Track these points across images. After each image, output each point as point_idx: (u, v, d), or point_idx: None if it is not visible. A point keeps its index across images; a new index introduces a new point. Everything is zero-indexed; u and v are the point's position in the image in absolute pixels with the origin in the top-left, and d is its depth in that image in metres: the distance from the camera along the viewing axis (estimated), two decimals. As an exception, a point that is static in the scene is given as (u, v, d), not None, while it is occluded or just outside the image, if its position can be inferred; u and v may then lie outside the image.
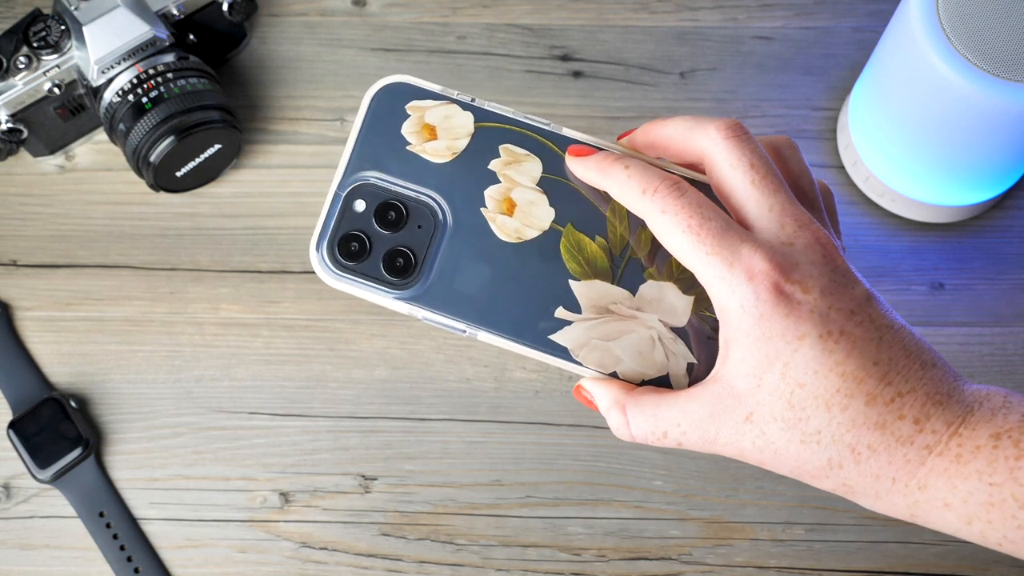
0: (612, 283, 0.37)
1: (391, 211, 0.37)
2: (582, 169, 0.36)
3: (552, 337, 0.37)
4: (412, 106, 0.38)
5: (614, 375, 0.36)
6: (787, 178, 0.35)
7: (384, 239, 0.37)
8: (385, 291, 0.37)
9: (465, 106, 0.38)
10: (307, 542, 0.51)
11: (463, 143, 0.38)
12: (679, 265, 0.36)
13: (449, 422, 0.53)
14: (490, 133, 0.38)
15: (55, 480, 0.51)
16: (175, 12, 0.55)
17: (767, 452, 0.33)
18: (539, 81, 0.59)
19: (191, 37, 0.56)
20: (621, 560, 0.51)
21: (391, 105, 0.38)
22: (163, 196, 0.57)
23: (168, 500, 0.51)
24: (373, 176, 0.38)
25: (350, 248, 0.37)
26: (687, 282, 0.36)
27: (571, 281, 0.37)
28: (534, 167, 0.38)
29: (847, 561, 0.51)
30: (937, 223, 0.56)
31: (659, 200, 0.33)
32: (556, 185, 0.37)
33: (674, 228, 0.33)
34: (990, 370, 0.54)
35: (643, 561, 0.51)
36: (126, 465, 0.52)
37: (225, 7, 0.56)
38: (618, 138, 0.38)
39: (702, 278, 0.33)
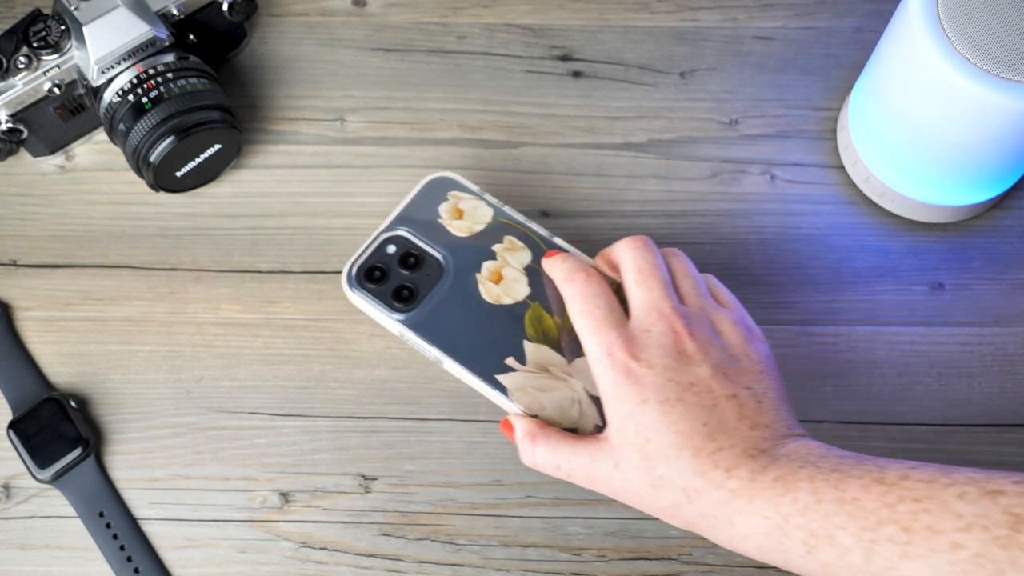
0: (556, 351, 0.47)
1: (411, 257, 0.49)
2: (547, 263, 0.48)
3: (498, 377, 0.47)
4: (452, 194, 0.51)
5: (535, 417, 0.46)
6: (672, 278, 0.46)
7: (399, 275, 0.49)
8: (387, 312, 0.48)
9: (490, 204, 0.50)
10: (307, 542, 0.51)
11: (480, 227, 0.50)
12: None
13: (449, 422, 0.53)
14: (502, 226, 0.50)
15: (55, 480, 0.51)
16: (175, 12, 0.55)
17: (631, 494, 0.42)
18: (539, 81, 0.59)
19: (191, 37, 0.56)
20: (621, 560, 0.51)
21: (437, 189, 0.51)
22: (163, 196, 0.57)
23: (168, 500, 0.51)
24: (408, 231, 0.50)
25: (373, 275, 0.49)
26: None
27: (526, 341, 0.47)
28: (525, 257, 0.49)
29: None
30: (937, 223, 0.56)
31: (571, 287, 0.45)
32: (536, 273, 0.49)
33: (574, 310, 0.45)
34: (990, 370, 0.54)
35: (643, 561, 0.51)
36: (126, 465, 0.52)
37: (225, 7, 0.56)
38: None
39: (585, 350, 0.44)
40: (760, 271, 0.55)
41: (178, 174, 0.54)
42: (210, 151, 0.54)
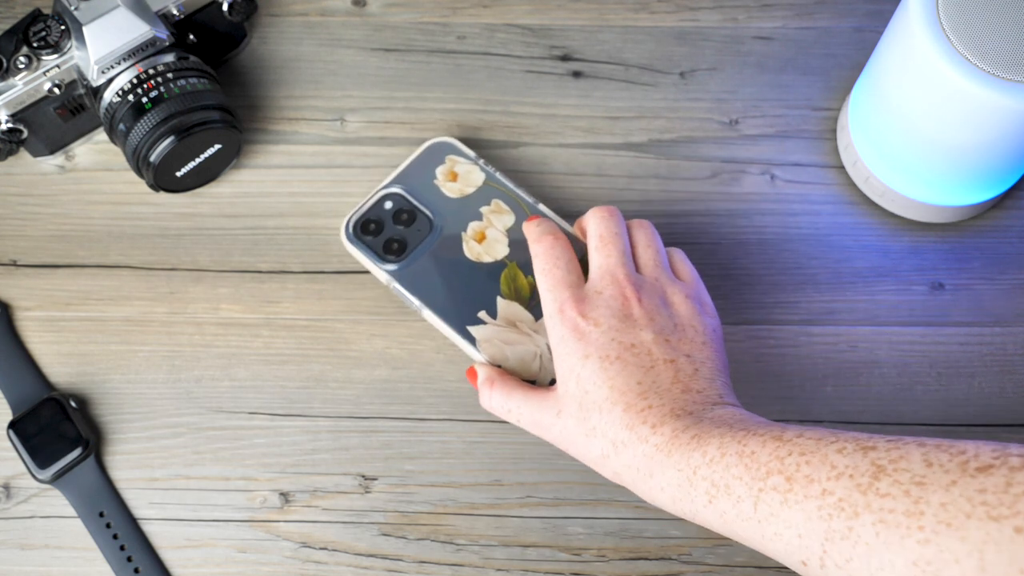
0: (525, 309, 0.51)
1: (404, 214, 0.54)
2: (525, 226, 0.51)
3: (469, 328, 0.51)
4: (450, 157, 0.55)
5: (498, 367, 0.50)
6: (633, 247, 0.49)
7: (392, 229, 0.53)
8: (377, 261, 0.53)
9: (484, 169, 0.55)
10: (307, 542, 0.51)
11: (471, 190, 0.54)
12: None
13: (449, 422, 0.53)
14: (491, 190, 0.54)
15: (55, 480, 0.51)
16: (175, 12, 0.55)
17: (568, 441, 0.45)
18: (539, 81, 0.59)
19: (191, 37, 0.56)
20: (621, 560, 0.51)
21: (436, 152, 0.55)
22: (163, 196, 0.57)
23: (168, 500, 0.51)
24: (403, 190, 0.54)
25: (368, 227, 0.53)
26: None
27: (499, 297, 0.52)
28: (508, 220, 0.54)
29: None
30: (937, 223, 0.56)
31: (538, 247, 0.49)
32: (518, 235, 0.53)
33: (537, 268, 0.48)
34: (990, 370, 0.54)
35: (643, 561, 0.51)
36: (126, 465, 0.52)
37: (225, 7, 0.56)
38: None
39: (542, 305, 0.47)
40: (760, 271, 0.56)
41: (178, 174, 0.54)
42: (210, 151, 0.54)
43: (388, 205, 0.54)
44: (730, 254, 0.56)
